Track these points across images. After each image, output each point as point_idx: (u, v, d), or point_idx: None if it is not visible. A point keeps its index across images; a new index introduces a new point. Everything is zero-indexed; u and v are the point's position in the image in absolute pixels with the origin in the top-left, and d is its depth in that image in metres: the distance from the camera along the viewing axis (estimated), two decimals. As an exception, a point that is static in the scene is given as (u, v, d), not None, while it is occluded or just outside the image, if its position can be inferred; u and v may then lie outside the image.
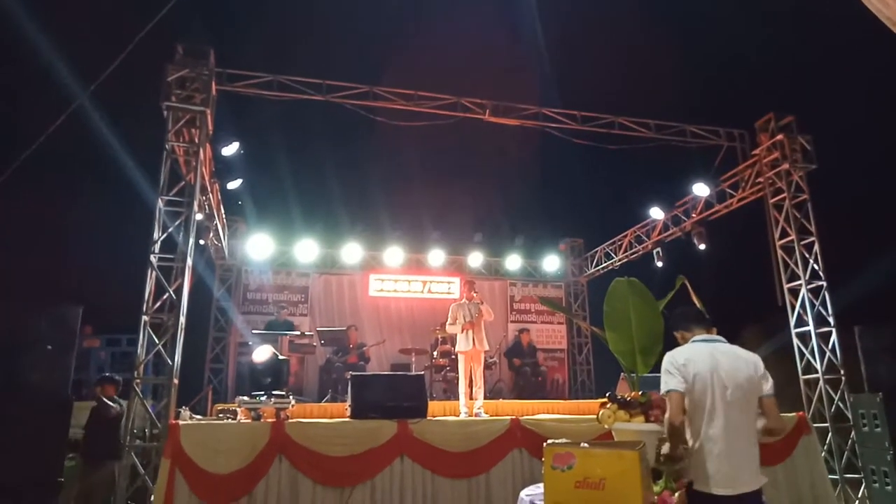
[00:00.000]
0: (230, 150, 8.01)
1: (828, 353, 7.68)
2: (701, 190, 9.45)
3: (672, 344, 3.53)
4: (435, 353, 9.74)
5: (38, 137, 4.68)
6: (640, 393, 3.82)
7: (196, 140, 6.89)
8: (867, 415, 6.99)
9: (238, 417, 6.08)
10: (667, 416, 2.98)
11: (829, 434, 7.48)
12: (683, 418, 2.96)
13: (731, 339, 3.28)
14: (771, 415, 3.08)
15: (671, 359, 3.14)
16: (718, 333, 3.31)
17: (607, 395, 3.92)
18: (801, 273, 7.97)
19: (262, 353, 6.34)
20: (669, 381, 3.05)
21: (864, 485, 7.17)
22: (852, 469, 7.36)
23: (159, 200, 6.46)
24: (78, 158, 10.00)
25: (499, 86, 9.18)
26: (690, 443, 3.00)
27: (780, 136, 8.23)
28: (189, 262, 6.46)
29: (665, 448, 3.01)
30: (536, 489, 3.99)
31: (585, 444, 2.53)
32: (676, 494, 3.22)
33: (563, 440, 2.89)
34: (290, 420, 5.89)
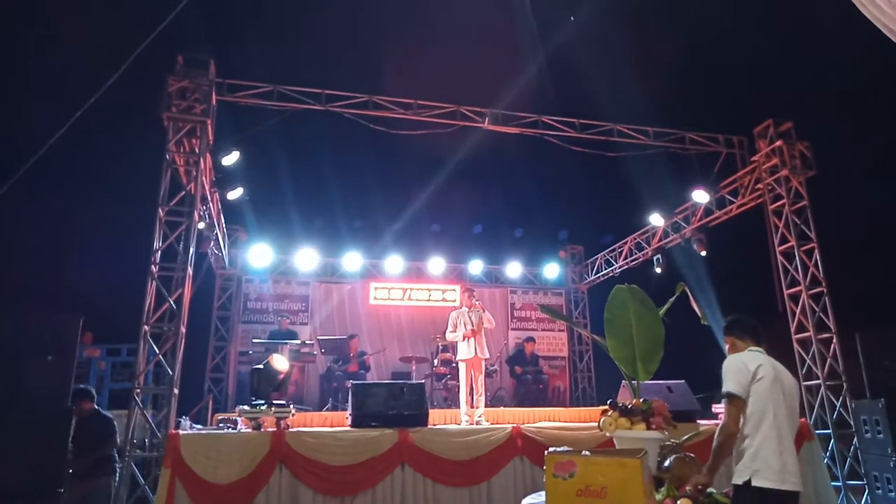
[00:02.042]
0: (230, 159, 8.03)
1: (829, 359, 7.67)
2: (700, 196, 9.47)
3: (672, 349, 3.54)
4: (436, 362, 9.73)
5: (39, 148, 4.70)
6: (641, 400, 3.81)
7: (196, 150, 6.92)
8: (869, 421, 6.98)
9: (238, 427, 6.07)
10: (722, 423, 2.98)
11: (832, 440, 7.46)
12: (737, 430, 3.01)
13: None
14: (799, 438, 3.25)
15: (739, 362, 3.17)
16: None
17: (609, 402, 3.90)
18: (801, 279, 7.98)
19: (281, 361, 6.33)
20: (733, 384, 3.08)
21: (867, 491, 7.14)
22: (855, 476, 7.33)
23: (160, 210, 6.48)
24: (79, 168, 10.02)
25: (498, 94, 9.20)
26: (750, 440, 3.04)
27: (778, 143, 8.26)
28: (189, 271, 6.47)
29: (693, 472, 3.01)
30: (538, 497, 3.96)
31: (587, 452, 2.52)
32: (679, 502, 3.20)
33: (565, 448, 2.88)
34: (291, 429, 5.88)
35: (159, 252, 6.39)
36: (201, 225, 7.93)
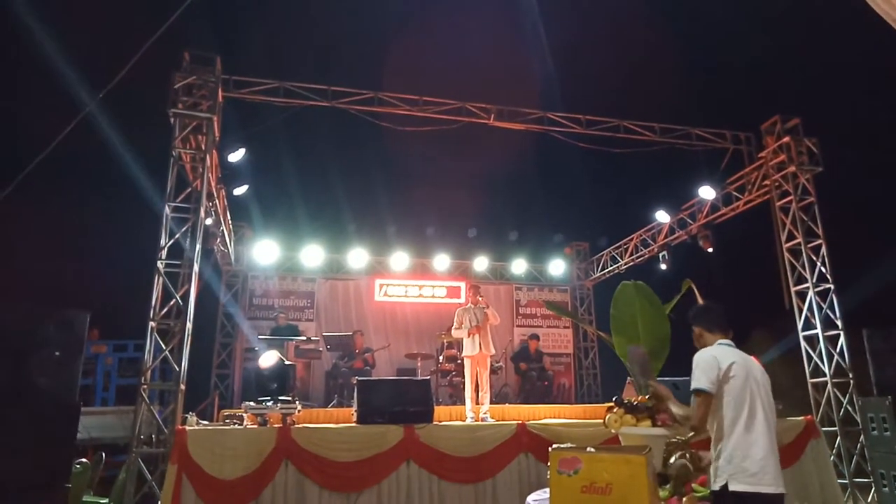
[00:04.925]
0: (236, 156, 8.04)
1: (836, 357, 7.63)
2: (707, 193, 9.42)
3: (678, 346, 3.52)
4: (441, 358, 9.73)
5: (47, 145, 4.72)
6: (646, 397, 3.81)
7: (203, 146, 6.93)
8: (876, 418, 6.93)
9: (244, 423, 6.09)
10: (690, 413, 2.87)
11: (838, 438, 7.43)
12: (706, 426, 2.92)
13: (740, 343, 3.26)
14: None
15: (710, 356, 3.05)
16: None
17: (614, 399, 3.91)
18: (808, 276, 7.93)
19: (267, 359, 6.35)
20: (702, 379, 2.96)
21: (873, 489, 7.10)
22: (861, 473, 7.30)
23: (166, 206, 6.49)
24: (86, 165, 10.06)
25: (503, 90, 9.20)
26: (724, 443, 2.94)
27: (786, 139, 8.20)
28: (196, 267, 6.48)
29: (676, 458, 2.98)
30: (543, 494, 3.97)
31: (592, 449, 2.52)
32: (685, 499, 3.20)
33: (569, 445, 2.88)
34: (297, 425, 5.90)
35: (166, 248, 6.40)
36: (208, 221, 7.95)
